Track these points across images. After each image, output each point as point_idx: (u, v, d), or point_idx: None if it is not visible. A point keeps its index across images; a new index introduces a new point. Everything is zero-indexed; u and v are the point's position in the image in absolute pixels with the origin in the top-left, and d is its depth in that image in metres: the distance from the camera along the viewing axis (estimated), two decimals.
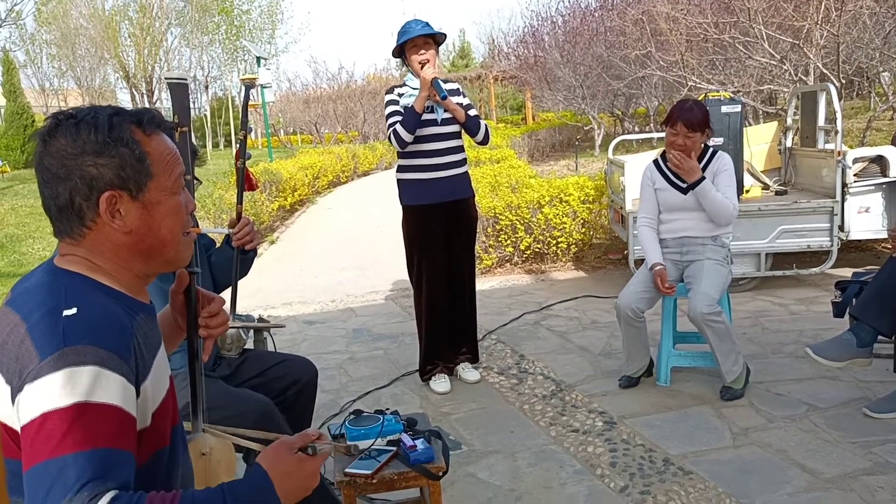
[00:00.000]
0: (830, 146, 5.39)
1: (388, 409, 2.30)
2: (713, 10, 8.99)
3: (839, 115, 5.16)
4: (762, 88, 9.16)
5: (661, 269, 3.40)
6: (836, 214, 4.97)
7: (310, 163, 13.26)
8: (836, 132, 5.04)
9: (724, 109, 5.10)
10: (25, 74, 25.40)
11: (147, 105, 23.77)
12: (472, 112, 3.66)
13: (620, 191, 5.36)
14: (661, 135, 3.65)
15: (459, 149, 3.70)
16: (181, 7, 26.96)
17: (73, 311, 1.10)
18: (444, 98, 3.49)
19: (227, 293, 2.50)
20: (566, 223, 6.18)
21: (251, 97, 2.78)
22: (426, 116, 3.55)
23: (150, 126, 1.22)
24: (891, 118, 12.25)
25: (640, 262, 3.86)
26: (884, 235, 5.08)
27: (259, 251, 7.83)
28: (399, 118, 3.52)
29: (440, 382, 3.74)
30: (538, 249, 6.33)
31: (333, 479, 2.10)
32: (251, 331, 2.86)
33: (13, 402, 1.08)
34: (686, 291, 3.43)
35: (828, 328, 4.06)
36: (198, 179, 2.17)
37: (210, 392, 1.79)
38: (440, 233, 3.66)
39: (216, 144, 29.58)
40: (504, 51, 24.35)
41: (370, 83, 25.79)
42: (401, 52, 3.63)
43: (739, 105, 5.20)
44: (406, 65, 3.67)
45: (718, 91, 7.03)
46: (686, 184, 3.43)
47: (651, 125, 15.17)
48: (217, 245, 2.65)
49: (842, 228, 5.02)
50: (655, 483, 2.68)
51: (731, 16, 8.55)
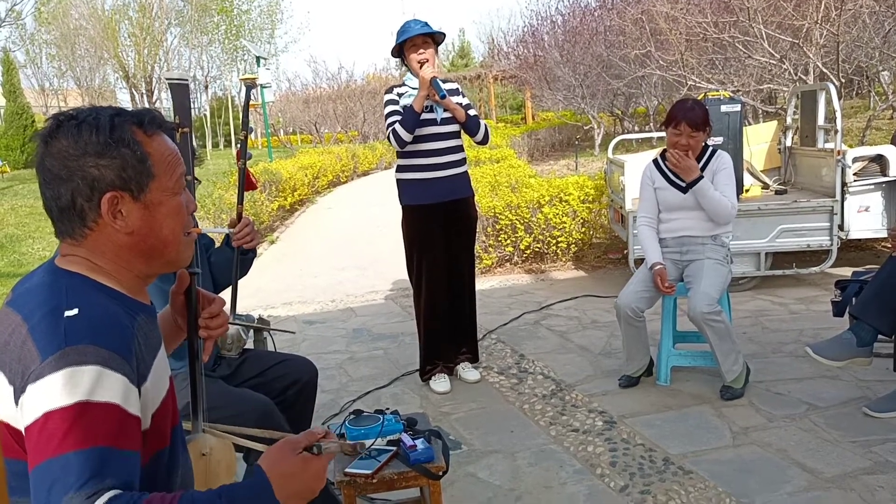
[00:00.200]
0: (830, 145, 5.39)
1: (388, 409, 2.30)
2: (713, 10, 8.98)
3: (839, 115, 5.16)
4: (762, 88, 9.16)
5: (661, 269, 3.40)
6: (836, 214, 4.97)
7: (309, 163, 13.26)
8: (836, 131, 5.04)
9: (724, 109, 5.10)
10: (25, 74, 25.46)
11: (147, 105, 23.76)
12: (472, 112, 3.66)
13: (620, 190, 5.36)
14: (661, 134, 3.65)
15: (459, 148, 3.70)
16: (181, 7, 26.98)
17: (75, 312, 1.10)
18: (443, 97, 3.49)
19: (227, 293, 2.50)
20: (566, 223, 6.18)
21: (251, 97, 2.78)
22: (425, 116, 3.55)
23: (152, 127, 1.22)
24: (890, 117, 12.25)
25: (640, 262, 3.86)
26: (883, 234, 5.08)
27: (259, 251, 7.84)
28: (398, 118, 3.52)
29: (440, 382, 3.74)
30: (538, 249, 6.33)
31: (333, 479, 2.10)
32: (251, 331, 2.87)
33: (17, 403, 1.08)
34: (686, 291, 3.43)
35: (828, 327, 4.06)
36: (197, 179, 2.16)
37: (210, 392, 1.79)
38: (440, 232, 3.66)
39: (216, 144, 29.58)
40: (504, 50, 24.37)
41: (370, 83, 25.78)
42: (400, 52, 3.64)
43: (739, 104, 5.20)
44: (405, 64, 3.67)
45: (718, 90, 7.02)
46: (686, 183, 3.43)
47: (651, 124, 15.17)
48: (217, 245, 2.65)
49: (841, 228, 5.02)
50: (655, 482, 2.68)
51: (731, 15, 8.55)
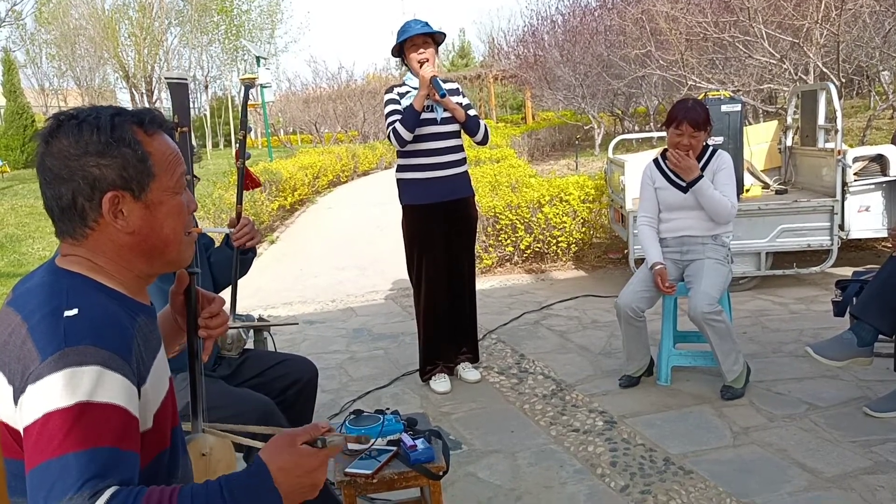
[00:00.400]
0: (830, 145, 5.39)
1: (389, 409, 2.30)
2: (713, 10, 8.98)
3: (839, 114, 5.16)
4: (762, 87, 9.16)
5: (662, 269, 3.40)
6: (837, 213, 4.97)
7: (310, 162, 13.26)
8: (836, 131, 5.04)
9: (724, 108, 5.10)
10: (25, 74, 25.47)
11: (147, 105, 23.78)
12: (472, 112, 3.66)
13: (620, 190, 5.36)
14: (661, 134, 3.65)
15: (459, 148, 3.70)
16: (181, 7, 26.98)
17: (75, 312, 1.09)
18: (443, 96, 3.49)
19: (227, 293, 2.50)
20: (566, 222, 6.17)
21: (251, 97, 2.78)
22: (426, 116, 3.55)
23: (152, 126, 1.22)
24: (891, 117, 12.25)
25: (641, 262, 3.86)
26: (884, 234, 5.08)
27: (259, 251, 7.84)
28: (398, 117, 3.53)
29: (440, 382, 3.74)
30: (538, 249, 6.33)
31: (333, 479, 2.10)
32: (251, 331, 2.87)
33: (16, 404, 1.08)
34: (686, 291, 3.43)
35: (828, 327, 4.06)
36: (196, 177, 2.16)
37: (210, 392, 1.79)
38: (440, 232, 3.66)
39: (216, 144, 29.57)
40: (504, 50, 24.38)
41: (370, 83, 25.79)
42: (400, 52, 3.64)
43: (739, 104, 5.20)
44: (405, 64, 3.67)
45: (718, 90, 7.02)
46: (686, 183, 3.42)
47: (651, 124, 15.17)
48: (216, 245, 2.65)
49: (842, 227, 5.02)
50: (656, 482, 2.68)
51: (731, 15, 8.55)
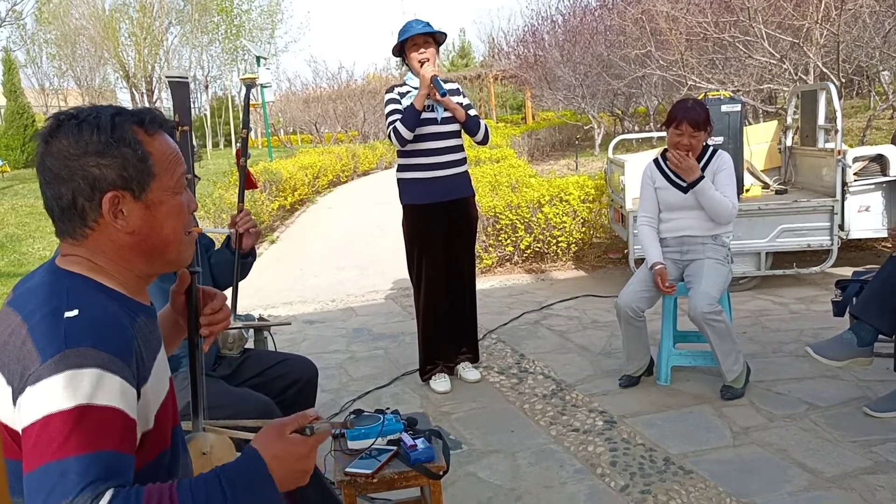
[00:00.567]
0: (830, 145, 5.39)
1: (389, 409, 2.30)
2: (713, 10, 8.98)
3: (839, 114, 5.16)
4: (762, 87, 9.16)
5: (662, 269, 3.40)
6: (837, 213, 4.97)
7: (310, 162, 13.26)
8: (836, 131, 5.04)
9: (724, 108, 5.10)
10: (25, 74, 25.48)
11: (147, 105, 23.77)
12: (472, 112, 3.66)
13: (620, 190, 5.36)
14: (661, 134, 3.65)
15: (459, 148, 3.71)
16: (181, 6, 26.98)
17: (75, 313, 1.09)
18: (444, 95, 3.49)
19: (228, 293, 2.50)
20: (566, 222, 6.17)
21: (251, 97, 2.79)
22: (426, 115, 3.55)
23: (152, 126, 1.22)
24: (891, 117, 12.25)
25: (641, 262, 3.86)
26: (884, 234, 5.08)
27: (259, 250, 7.84)
28: (399, 116, 3.53)
29: (440, 382, 3.74)
30: (538, 249, 6.33)
31: (334, 479, 2.10)
32: (252, 330, 2.87)
33: (14, 404, 1.07)
34: (686, 290, 3.43)
35: (828, 327, 4.06)
36: (196, 176, 2.16)
37: (210, 392, 1.79)
38: (440, 232, 3.66)
39: (216, 144, 29.58)
40: (504, 50, 24.39)
41: (370, 83, 25.80)
42: (401, 51, 3.64)
43: (739, 104, 5.20)
44: (406, 63, 3.67)
45: (718, 90, 7.02)
46: (686, 183, 3.42)
47: (651, 124, 15.17)
48: (217, 246, 2.66)
49: (842, 227, 5.02)
50: (656, 482, 2.68)
51: (731, 15, 8.55)
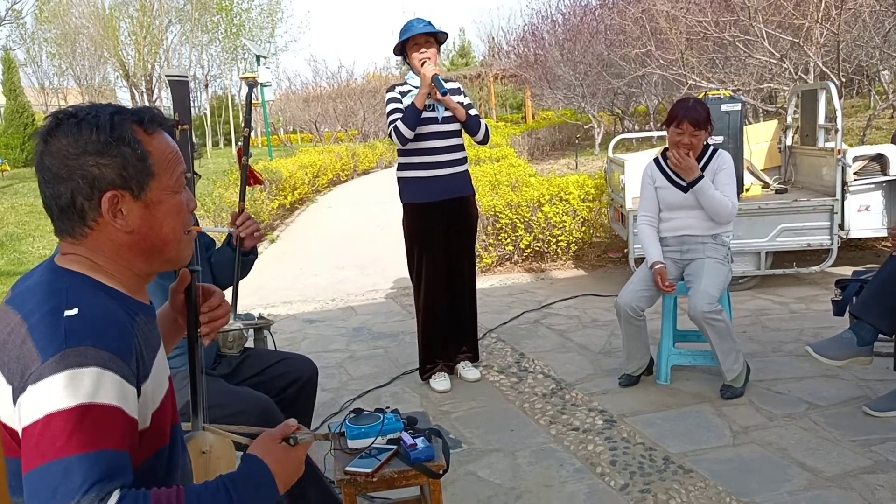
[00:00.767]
0: (830, 144, 5.39)
1: (389, 408, 2.30)
2: (713, 9, 8.99)
3: (839, 114, 5.16)
4: (762, 87, 9.16)
5: (662, 268, 3.40)
6: (837, 213, 4.97)
7: (310, 161, 13.26)
8: (836, 130, 5.04)
9: (724, 108, 5.10)
10: (25, 73, 25.43)
11: (147, 103, 23.74)
12: (473, 111, 3.66)
13: (620, 189, 5.36)
14: (661, 133, 3.65)
15: (460, 147, 3.71)
16: (181, 5, 26.96)
17: (75, 312, 1.09)
18: (445, 94, 3.50)
19: (228, 292, 2.50)
20: (566, 222, 6.17)
21: (252, 96, 2.79)
22: (426, 114, 3.55)
23: (152, 125, 1.22)
24: (891, 116, 12.25)
25: (641, 261, 3.86)
26: (884, 234, 5.08)
27: (259, 249, 7.83)
28: (400, 115, 3.53)
29: (440, 381, 3.74)
30: (538, 248, 6.33)
31: (334, 478, 2.10)
32: (251, 329, 2.87)
33: (15, 403, 1.07)
34: (686, 290, 3.43)
35: (828, 327, 4.06)
36: (196, 174, 2.16)
37: (210, 391, 1.79)
38: (440, 231, 3.66)
39: (216, 143, 29.56)
40: (504, 49, 24.37)
41: (370, 82, 25.78)
42: (402, 50, 3.64)
43: (739, 103, 5.20)
44: (407, 63, 3.67)
45: (718, 89, 7.02)
46: (687, 183, 3.42)
47: (651, 123, 15.17)
48: (217, 245, 2.65)
49: (842, 227, 5.02)
50: (656, 481, 2.68)
51: (731, 14, 8.55)
